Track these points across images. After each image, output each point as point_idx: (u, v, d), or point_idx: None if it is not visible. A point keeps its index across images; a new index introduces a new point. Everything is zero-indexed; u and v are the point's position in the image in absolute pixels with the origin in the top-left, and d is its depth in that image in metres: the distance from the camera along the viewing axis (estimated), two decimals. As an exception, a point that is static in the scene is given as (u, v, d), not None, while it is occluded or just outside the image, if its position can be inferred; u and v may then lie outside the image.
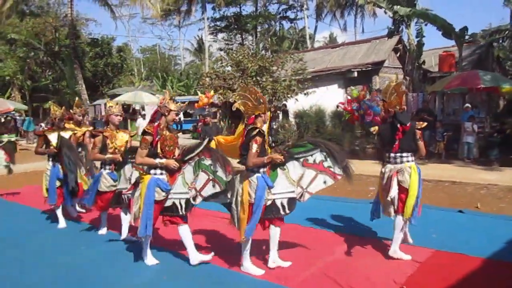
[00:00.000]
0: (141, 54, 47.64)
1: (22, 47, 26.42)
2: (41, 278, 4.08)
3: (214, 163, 4.02)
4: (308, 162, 4.09)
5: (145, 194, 3.98)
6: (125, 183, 4.85)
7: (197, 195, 4.10)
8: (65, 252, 4.79)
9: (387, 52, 16.71)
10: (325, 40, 43.78)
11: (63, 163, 5.61)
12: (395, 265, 4.05)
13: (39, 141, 5.92)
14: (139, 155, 4.05)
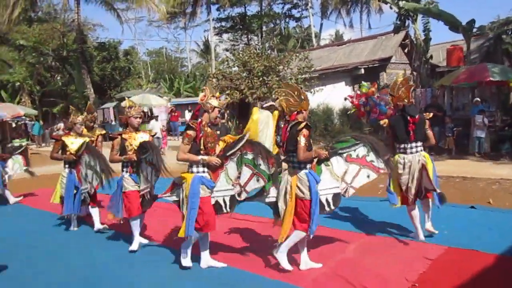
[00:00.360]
0: (148, 57, 47.92)
1: (31, 53, 26.72)
2: (54, 279, 4.12)
3: (257, 157, 3.96)
4: (352, 157, 4.13)
5: (191, 193, 3.88)
6: (146, 182, 4.73)
7: (242, 190, 4.05)
8: (77, 254, 4.83)
9: (393, 48, 16.61)
10: (331, 37, 43.64)
11: (79, 171, 5.55)
12: (407, 262, 4.02)
13: (55, 145, 5.81)
14: (182, 151, 3.94)
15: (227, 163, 4.05)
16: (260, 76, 13.42)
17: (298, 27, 36.62)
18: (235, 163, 4.05)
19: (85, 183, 5.50)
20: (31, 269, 4.46)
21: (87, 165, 5.44)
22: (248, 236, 5.14)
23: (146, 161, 4.62)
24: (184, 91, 28.73)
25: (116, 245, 5.11)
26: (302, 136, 3.77)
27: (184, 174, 4.01)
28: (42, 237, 5.64)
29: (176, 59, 48.72)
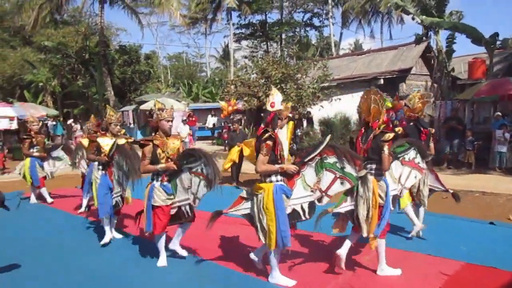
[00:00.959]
0: (168, 62, 48.52)
1: (54, 54, 27.34)
2: (66, 279, 4.21)
3: (340, 160, 3.86)
4: (405, 160, 4.37)
5: (276, 205, 3.72)
6: (185, 193, 4.38)
7: (323, 195, 3.96)
8: (92, 255, 4.90)
9: (414, 59, 16.44)
10: (350, 47, 43.51)
11: (111, 173, 5.30)
12: (423, 277, 3.96)
13: (90, 146, 5.61)
14: (262, 163, 3.75)
15: (304, 169, 3.95)
16: (277, 84, 13.45)
17: (318, 36, 36.61)
18: (313, 168, 3.95)
19: (118, 186, 5.25)
20: (44, 269, 4.55)
21: (118, 166, 5.19)
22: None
23: (193, 171, 4.31)
24: (202, 96, 28.96)
25: (129, 247, 5.17)
26: (386, 146, 3.87)
27: (262, 184, 3.84)
28: (57, 237, 5.73)
29: (195, 64, 49.21)
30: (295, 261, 4.39)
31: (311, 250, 4.82)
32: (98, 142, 5.36)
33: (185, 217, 4.46)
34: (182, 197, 4.40)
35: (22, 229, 6.23)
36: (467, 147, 10.61)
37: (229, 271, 4.25)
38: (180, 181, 4.38)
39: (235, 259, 4.53)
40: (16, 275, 4.32)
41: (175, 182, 4.39)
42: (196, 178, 4.32)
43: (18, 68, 27.43)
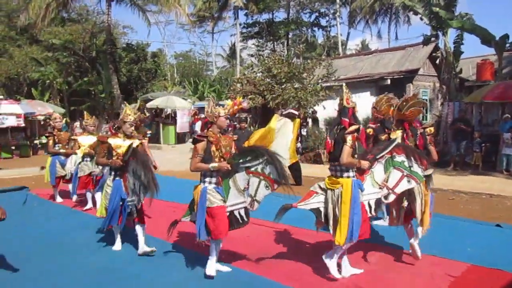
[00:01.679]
0: (175, 60, 48.61)
1: (62, 52, 27.49)
2: (71, 275, 4.22)
3: (409, 159, 4.04)
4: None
5: (353, 199, 3.75)
6: (240, 196, 4.06)
7: (390, 193, 4.03)
8: (98, 252, 4.92)
9: (422, 60, 16.34)
10: (357, 47, 43.33)
11: (125, 180, 4.70)
12: (428, 278, 3.93)
13: (101, 149, 4.92)
14: (347, 154, 3.72)
15: (374, 166, 4.06)
16: (283, 83, 13.43)
17: (325, 36, 36.51)
18: (382, 165, 4.09)
19: (132, 195, 4.68)
20: (56, 266, 4.56)
21: (135, 174, 4.62)
22: (269, 243, 5.13)
23: (251, 171, 4.05)
24: (208, 95, 28.98)
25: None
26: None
27: (340, 179, 3.84)
28: (63, 235, 5.75)
29: (202, 63, 49.25)
30: (299, 259, 4.38)
31: (316, 249, 4.80)
32: (110, 144, 4.83)
33: (239, 223, 4.09)
34: (235, 201, 4.05)
35: (28, 225, 6.25)
36: (475, 149, 10.54)
37: (238, 270, 4.23)
38: (233, 182, 4.06)
39: (244, 258, 4.53)
40: (22, 271, 4.33)
41: (228, 185, 4.06)
42: (255, 179, 4.05)
43: (22, 68, 27.58)
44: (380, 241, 5.09)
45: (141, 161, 4.61)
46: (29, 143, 17.80)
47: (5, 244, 5.04)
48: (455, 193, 8.00)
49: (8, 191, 8.46)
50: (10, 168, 13.24)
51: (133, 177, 4.61)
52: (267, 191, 4.04)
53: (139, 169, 4.57)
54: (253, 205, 4.06)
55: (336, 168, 3.89)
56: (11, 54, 28.37)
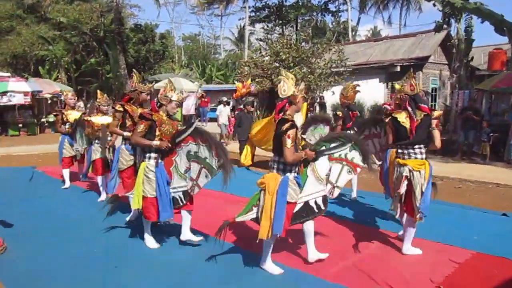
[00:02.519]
0: (183, 42, 48.35)
1: (69, 31, 27.39)
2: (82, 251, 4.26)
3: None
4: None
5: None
6: (319, 185, 3.85)
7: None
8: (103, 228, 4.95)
9: (433, 48, 16.14)
10: (368, 33, 42.79)
11: (170, 163, 4.25)
12: (432, 264, 3.91)
13: (143, 126, 4.18)
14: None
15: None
16: (291, 67, 13.30)
17: (335, 21, 36.02)
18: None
19: (181, 180, 4.27)
20: (60, 240, 4.62)
21: (192, 156, 4.21)
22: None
23: (334, 157, 3.91)
24: (215, 78, 28.87)
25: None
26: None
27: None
28: (69, 210, 5.81)
29: (210, 45, 48.97)
30: (301, 243, 4.38)
31: (318, 232, 4.81)
32: (154, 122, 4.19)
33: (314, 212, 3.82)
34: (312, 190, 3.84)
35: (33, 201, 6.32)
36: (483, 138, 10.41)
37: (244, 251, 4.25)
38: (313, 171, 3.89)
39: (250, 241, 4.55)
40: (33, 246, 4.39)
41: (305, 174, 3.86)
42: (338, 165, 3.94)
43: (28, 46, 27.54)
44: (383, 226, 5.08)
45: (214, 143, 4.17)
46: (36, 121, 17.90)
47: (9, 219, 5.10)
48: (462, 182, 7.94)
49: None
50: (17, 145, 13.35)
51: (186, 159, 4.23)
52: (349, 176, 3.96)
53: (203, 149, 4.16)
54: (332, 192, 3.93)
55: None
56: (19, 32, 28.32)
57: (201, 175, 4.22)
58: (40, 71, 27.67)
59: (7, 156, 10.99)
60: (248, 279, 3.61)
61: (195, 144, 4.20)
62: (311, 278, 3.61)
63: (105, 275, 3.66)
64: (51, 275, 3.65)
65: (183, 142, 4.22)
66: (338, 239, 4.58)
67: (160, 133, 4.16)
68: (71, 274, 3.68)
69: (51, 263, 3.93)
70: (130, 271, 3.75)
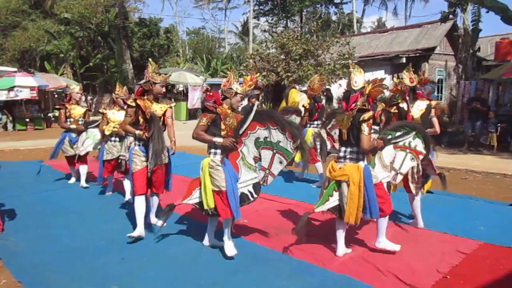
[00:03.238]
0: (187, 36, 48.25)
1: (74, 26, 27.43)
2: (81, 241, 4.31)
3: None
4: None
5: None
6: (384, 171, 4.06)
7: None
8: (110, 221, 5.00)
9: (439, 38, 15.99)
10: (373, 25, 42.45)
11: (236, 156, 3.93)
12: (439, 254, 3.91)
13: (206, 120, 3.93)
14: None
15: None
16: (297, 60, 13.26)
17: (340, 13, 35.73)
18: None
19: (250, 172, 3.97)
20: (66, 232, 4.68)
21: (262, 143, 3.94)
22: (279, 217, 5.17)
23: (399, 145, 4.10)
24: (220, 72, 28.82)
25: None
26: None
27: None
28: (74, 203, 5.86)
29: (215, 39, 48.85)
30: (310, 234, 4.40)
31: (324, 225, 4.82)
32: (219, 115, 3.94)
33: None
34: (382, 176, 4.00)
35: (40, 193, 6.38)
36: (490, 129, 10.35)
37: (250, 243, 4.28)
38: (379, 159, 4.06)
39: (255, 232, 4.59)
40: (40, 238, 4.44)
41: (373, 162, 4.04)
42: (402, 152, 4.10)
43: (34, 42, 27.61)
44: (390, 217, 5.06)
45: (286, 123, 3.94)
46: (43, 115, 18.00)
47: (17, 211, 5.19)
48: (469, 173, 7.92)
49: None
50: (24, 139, 13.45)
51: (258, 148, 3.96)
52: (412, 163, 4.16)
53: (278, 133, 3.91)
54: (396, 178, 4.15)
55: None
56: (25, 27, 28.39)
57: (274, 162, 3.95)
58: (46, 66, 27.77)
59: (14, 150, 11.09)
60: (256, 270, 3.63)
61: (264, 129, 3.89)
62: (317, 269, 3.63)
63: (112, 267, 3.69)
64: (57, 266, 3.70)
65: (249, 129, 3.91)
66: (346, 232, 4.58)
67: (225, 127, 3.93)
68: (77, 265, 3.73)
69: (57, 254, 3.97)
70: (138, 263, 3.78)
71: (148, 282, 3.42)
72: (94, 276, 3.51)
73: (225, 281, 3.44)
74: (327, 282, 3.40)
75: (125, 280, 3.44)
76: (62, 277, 3.51)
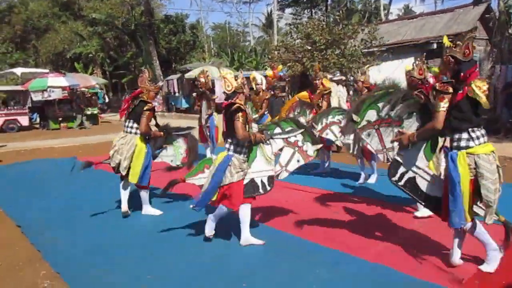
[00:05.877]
0: (212, 31, 48.50)
1: (102, 27, 28.02)
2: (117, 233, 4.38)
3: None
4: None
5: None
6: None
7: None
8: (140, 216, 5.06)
9: (472, 22, 15.36)
10: (400, 12, 41.32)
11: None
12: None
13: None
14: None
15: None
16: (323, 50, 13.06)
17: (366, 0, 34.98)
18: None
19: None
20: (97, 223, 4.76)
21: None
22: (308, 207, 5.12)
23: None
24: (245, 66, 28.82)
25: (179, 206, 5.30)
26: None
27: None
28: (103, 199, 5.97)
29: (239, 33, 48.89)
30: (341, 226, 4.33)
31: (352, 212, 4.75)
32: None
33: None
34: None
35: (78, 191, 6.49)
36: (528, 114, 9.90)
37: (277, 231, 4.27)
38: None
39: (282, 221, 4.57)
40: (76, 232, 4.57)
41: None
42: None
43: (67, 44, 28.40)
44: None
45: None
46: (75, 114, 18.47)
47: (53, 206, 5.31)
48: (507, 160, 7.59)
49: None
50: (58, 138, 13.85)
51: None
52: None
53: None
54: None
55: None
56: (57, 30, 29.22)
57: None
58: (76, 67, 28.53)
59: (49, 148, 11.43)
60: (288, 260, 3.59)
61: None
62: (352, 258, 3.55)
63: (144, 259, 3.74)
64: (93, 259, 3.78)
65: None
66: (379, 220, 4.49)
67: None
68: (111, 258, 3.80)
69: (93, 247, 4.06)
70: (168, 255, 3.82)
71: (181, 274, 3.44)
72: (128, 268, 3.57)
73: (258, 272, 3.42)
74: (362, 271, 3.32)
75: (158, 272, 3.47)
76: (98, 269, 3.58)
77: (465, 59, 3.06)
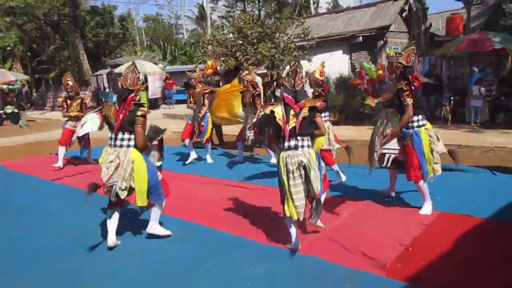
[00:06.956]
0: (144, 23, 46.91)
1: (21, 17, 25.95)
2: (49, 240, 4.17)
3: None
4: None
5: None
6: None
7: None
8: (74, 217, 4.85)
9: (393, 16, 16.29)
10: (328, 5, 42.65)
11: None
12: (401, 227, 4.06)
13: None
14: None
15: None
16: (255, 43, 13.16)
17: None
18: None
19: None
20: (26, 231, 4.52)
21: None
22: (244, 203, 5.19)
23: None
24: (179, 59, 28.30)
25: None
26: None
27: None
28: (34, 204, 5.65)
29: (172, 26, 47.76)
30: (272, 218, 4.45)
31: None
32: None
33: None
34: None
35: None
36: (443, 102, 10.76)
37: (215, 231, 4.28)
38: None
39: (225, 220, 4.60)
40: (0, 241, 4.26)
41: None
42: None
43: None
44: (352, 195, 5.20)
45: None
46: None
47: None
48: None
49: None
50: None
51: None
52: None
53: None
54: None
55: None
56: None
57: None
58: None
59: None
60: (226, 256, 3.64)
61: None
62: (284, 252, 3.67)
63: (77, 266, 3.60)
64: (18, 269, 3.57)
65: None
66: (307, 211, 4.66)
67: None
68: (40, 267, 3.62)
69: (18, 256, 3.82)
70: (102, 259, 3.72)
71: (116, 276, 3.36)
72: (59, 277, 3.41)
73: (198, 268, 3.45)
74: (294, 264, 3.45)
75: (91, 278, 3.36)
76: (25, 280, 3.38)
77: (408, 65, 4.36)
